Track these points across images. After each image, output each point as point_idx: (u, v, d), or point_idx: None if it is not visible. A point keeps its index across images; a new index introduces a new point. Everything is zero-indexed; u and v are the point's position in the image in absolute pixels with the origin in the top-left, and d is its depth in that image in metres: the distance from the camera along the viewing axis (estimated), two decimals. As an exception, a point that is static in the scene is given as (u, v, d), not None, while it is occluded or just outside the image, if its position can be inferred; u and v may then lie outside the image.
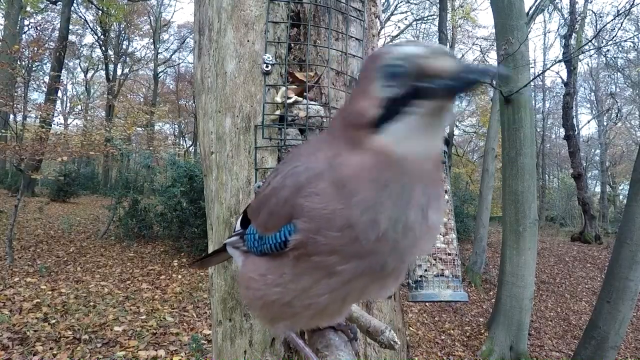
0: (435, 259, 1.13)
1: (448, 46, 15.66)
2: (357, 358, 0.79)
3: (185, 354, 4.11)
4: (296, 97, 1.01)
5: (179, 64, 27.14)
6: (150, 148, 13.87)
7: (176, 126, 29.41)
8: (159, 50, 25.23)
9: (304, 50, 1.05)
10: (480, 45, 21.13)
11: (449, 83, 0.54)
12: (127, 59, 25.67)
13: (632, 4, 5.57)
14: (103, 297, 5.47)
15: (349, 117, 0.62)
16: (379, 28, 1.26)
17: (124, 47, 25.28)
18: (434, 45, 0.57)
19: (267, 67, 1.01)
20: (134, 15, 22.71)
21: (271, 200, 0.66)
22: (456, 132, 22.76)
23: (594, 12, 14.29)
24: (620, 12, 5.59)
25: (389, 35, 18.85)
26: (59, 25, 15.13)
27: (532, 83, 6.50)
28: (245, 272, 0.73)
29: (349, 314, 0.83)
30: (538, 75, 15.16)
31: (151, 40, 25.11)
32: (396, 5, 19.02)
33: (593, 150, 26.16)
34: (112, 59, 23.84)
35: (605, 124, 22.88)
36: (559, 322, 8.12)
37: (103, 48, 23.15)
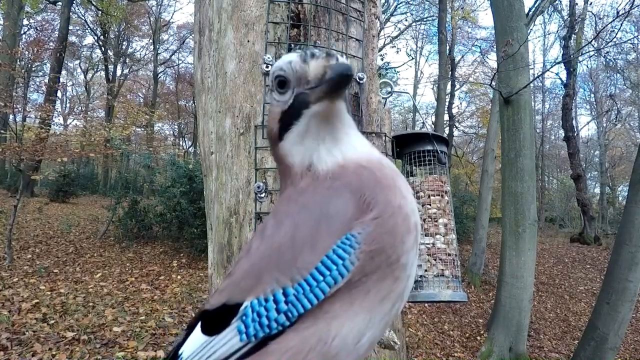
0: (435, 259, 1.13)
1: (447, 47, 15.67)
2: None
3: (185, 354, 4.10)
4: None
5: (178, 64, 27.14)
6: (150, 148, 13.85)
7: (176, 127, 29.40)
8: (159, 51, 25.23)
9: (304, 51, 1.05)
10: (480, 47, 21.16)
11: (317, 86, 0.55)
12: (127, 59, 25.67)
13: (632, 5, 5.57)
14: (102, 298, 5.46)
15: (270, 141, 0.64)
16: (379, 29, 1.26)
17: (123, 47, 25.29)
18: (311, 50, 0.58)
19: (267, 67, 1.01)
20: (133, 15, 22.71)
21: (299, 234, 0.53)
22: (456, 133, 22.79)
23: (593, 14, 14.29)
24: (620, 13, 5.59)
25: (389, 36, 18.87)
26: (58, 26, 15.13)
27: (531, 84, 6.50)
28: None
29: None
30: (538, 77, 15.19)
31: (151, 41, 25.11)
32: (396, 6, 19.01)
33: (592, 151, 26.18)
34: (112, 60, 23.84)
35: (604, 125, 22.90)
36: (559, 323, 8.12)
37: (103, 48, 23.15)
